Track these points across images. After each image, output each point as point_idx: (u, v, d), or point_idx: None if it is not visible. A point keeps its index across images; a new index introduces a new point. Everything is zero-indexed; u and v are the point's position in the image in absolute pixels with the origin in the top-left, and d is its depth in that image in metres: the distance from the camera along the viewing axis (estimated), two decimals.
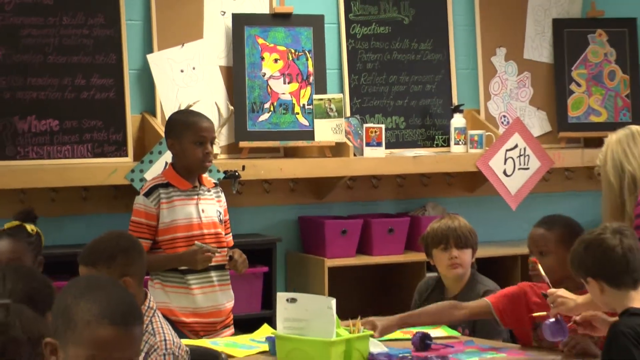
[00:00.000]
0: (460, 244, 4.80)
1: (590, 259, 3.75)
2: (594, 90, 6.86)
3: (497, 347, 4.49)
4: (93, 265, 3.94)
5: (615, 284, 3.74)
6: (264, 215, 6.16)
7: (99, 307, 2.36)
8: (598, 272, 3.74)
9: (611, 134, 4.36)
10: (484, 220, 6.23)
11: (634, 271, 3.73)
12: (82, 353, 2.34)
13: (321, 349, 4.05)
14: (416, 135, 6.49)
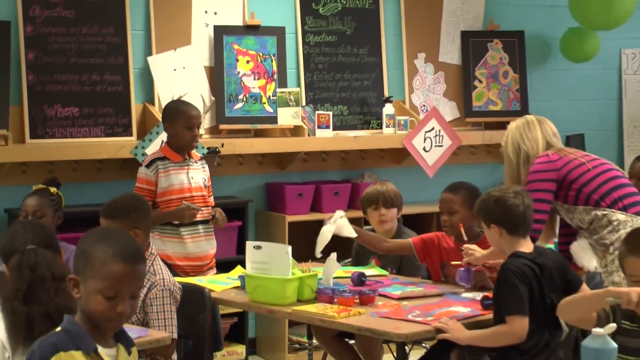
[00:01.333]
0: (387, 205, 4.82)
1: (497, 211, 3.78)
2: (492, 86, 6.90)
3: (416, 282, 4.53)
4: (112, 218, 3.96)
5: (511, 232, 3.77)
6: (239, 182, 6.16)
7: (113, 249, 2.40)
8: (501, 222, 3.78)
9: (512, 121, 4.37)
10: (409, 186, 6.26)
11: (527, 225, 3.78)
12: (99, 285, 2.37)
13: (279, 284, 4.07)
14: (356, 120, 6.50)
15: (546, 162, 4.09)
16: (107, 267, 2.37)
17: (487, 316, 3.88)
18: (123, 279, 2.38)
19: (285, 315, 4.18)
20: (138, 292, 2.45)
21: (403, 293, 4.25)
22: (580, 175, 4.05)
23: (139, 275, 2.43)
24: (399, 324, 3.77)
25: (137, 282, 2.43)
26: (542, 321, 3.71)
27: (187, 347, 4.14)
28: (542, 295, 3.70)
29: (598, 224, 4.01)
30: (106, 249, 2.39)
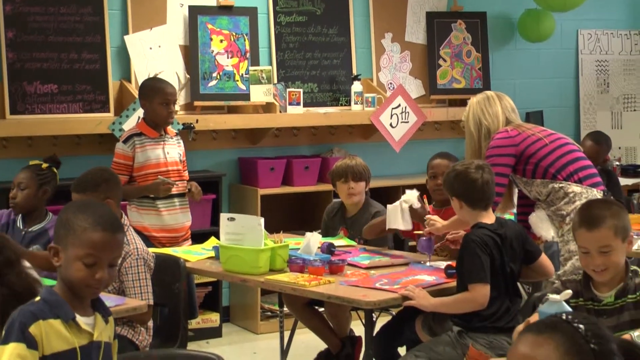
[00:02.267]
0: (356, 178, 4.81)
1: (457, 185, 3.79)
2: (456, 65, 6.90)
3: (383, 252, 4.55)
4: (83, 192, 3.92)
5: (471, 205, 3.79)
6: (213, 156, 6.14)
7: (93, 218, 2.39)
8: (461, 195, 3.79)
9: (473, 97, 4.36)
10: (376, 160, 6.26)
11: (487, 199, 3.79)
12: (79, 253, 2.36)
13: (252, 255, 4.07)
14: (326, 97, 6.48)
15: (505, 137, 4.09)
16: (88, 234, 2.36)
17: (451, 284, 3.90)
18: (103, 247, 2.37)
19: (258, 284, 4.17)
20: (116, 261, 2.44)
21: (371, 262, 4.26)
22: (538, 150, 4.07)
23: (118, 244, 2.42)
24: (367, 292, 3.78)
25: (116, 250, 2.42)
26: (502, 289, 3.73)
27: (163, 314, 4.13)
28: (503, 264, 3.72)
29: (555, 196, 4.03)
30: (87, 218, 2.38)
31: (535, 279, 3.96)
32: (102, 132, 5.45)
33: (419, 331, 4.06)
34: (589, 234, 3.00)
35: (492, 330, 3.67)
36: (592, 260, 2.99)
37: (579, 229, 3.03)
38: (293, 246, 4.38)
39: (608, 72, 7.69)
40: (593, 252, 2.99)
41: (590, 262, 3.00)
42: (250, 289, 5.87)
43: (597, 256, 2.99)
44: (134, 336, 3.89)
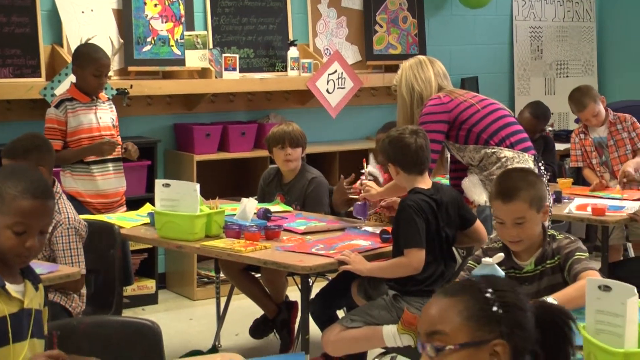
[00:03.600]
0: (293, 144, 4.80)
1: (392, 150, 3.80)
2: (392, 31, 6.91)
3: (319, 217, 4.55)
4: (14, 158, 3.85)
5: (406, 170, 3.80)
6: (148, 122, 6.07)
7: (23, 185, 2.34)
8: (396, 160, 3.80)
9: (405, 61, 4.35)
10: (313, 126, 6.25)
11: (422, 163, 3.80)
12: (8, 221, 2.32)
13: (188, 221, 4.05)
14: (262, 63, 6.44)
15: (438, 104, 4.10)
16: (18, 202, 2.31)
17: (387, 249, 3.92)
18: (33, 214, 2.33)
19: (194, 251, 4.16)
20: (47, 228, 2.40)
21: (307, 228, 4.27)
22: (470, 116, 4.09)
23: (49, 211, 2.38)
24: (303, 257, 3.79)
25: (46, 217, 2.38)
26: (437, 253, 3.77)
27: (98, 281, 4.09)
28: (438, 229, 3.76)
29: (487, 161, 4.07)
30: (16, 185, 2.33)
31: (469, 244, 4.01)
32: (34, 98, 5.34)
33: (355, 295, 4.09)
34: (504, 206, 3.04)
35: (427, 294, 3.69)
36: (507, 231, 3.05)
37: (495, 200, 3.08)
38: (229, 212, 4.37)
39: (542, 38, 7.77)
40: (508, 223, 3.04)
41: (505, 233, 3.06)
42: (186, 256, 5.84)
43: (511, 227, 3.04)
44: (67, 303, 3.86)
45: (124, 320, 2.99)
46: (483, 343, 1.72)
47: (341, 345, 3.84)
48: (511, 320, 1.74)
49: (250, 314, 4.89)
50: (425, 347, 1.75)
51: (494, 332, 1.73)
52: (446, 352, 1.72)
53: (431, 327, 1.75)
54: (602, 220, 4.69)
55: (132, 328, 2.85)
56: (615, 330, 2.32)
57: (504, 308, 1.74)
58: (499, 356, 1.72)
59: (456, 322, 1.73)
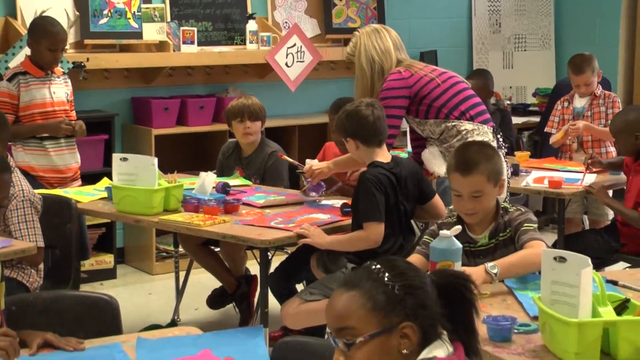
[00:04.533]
0: (252, 118, 4.78)
1: (349, 124, 3.80)
2: (351, 4, 6.88)
3: (279, 191, 4.55)
4: None
5: (365, 143, 3.81)
6: (105, 96, 6.00)
7: None
8: (354, 134, 3.80)
9: (360, 29, 4.27)
10: (272, 100, 6.22)
11: (381, 134, 3.81)
12: None
13: (146, 195, 4.03)
14: (220, 36, 6.39)
15: (399, 79, 4.09)
16: None
17: (346, 222, 3.93)
18: None
19: (152, 225, 4.14)
20: (4, 202, 2.38)
21: (266, 201, 4.26)
22: (431, 90, 4.09)
23: (5, 184, 2.36)
24: (262, 231, 3.79)
25: (3, 190, 2.36)
26: (396, 226, 3.79)
27: (54, 256, 4.06)
28: (397, 203, 3.78)
29: (448, 134, 4.08)
30: None
31: (426, 219, 4.03)
32: None
33: (314, 269, 4.10)
34: (462, 179, 3.06)
35: None
36: (464, 203, 3.07)
37: (454, 172, 3.09)
38: (188, 186, 4.36)
39: (500, 12, 7.80)
40: (465, 196, 3.06)
41: (462, 205, 3.09)
42: (144, 230, 5.81)
43: (468, 200, 3.07)
44: (24, 278, 3.83)
45: (81, 295, 2.98)
46: (391, 329, 1.75)
47: (300, 319, 3.86)
48: (414, 301, 1.76)
49: (209, 287, 4.89)
50: (337, 342, 1.78)
51: (400, 316, 1.75)
52: (357, 345, 1.75)
53: (339, 323, 1.78)
54: (558, 192, 4.74)
55: (90, 302, 2.84)
56: (570, 301, 2.35)
57: (405, 290, 1.76)
58: (409, 338, 1.75)
59: (361, 315, 1.75)
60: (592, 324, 2.30)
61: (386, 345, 1.75)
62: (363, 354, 1.75)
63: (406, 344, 1.75)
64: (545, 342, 2.43)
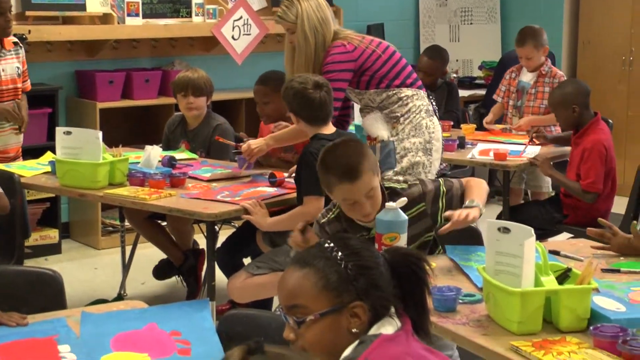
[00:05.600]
0: (195, 92, 4.74)
1: (296, 103, 3.79)
2: None
3: (225, 164, 4.53)
4: None
5: (309, 122, 3.81)
6: (48, 69, 5.91)
7: None
8: (299, 113, 3.80)
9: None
10: (218, 73, 6.18)
11: (326, 115, 3.82)
12: None
13: (90, 169, 3.99)
14: (166, 9, 6.31)
15: (344, 52, 4.08)
16: None
17: (292, 195, 3.94)
18: None
19: (97, 199, 4.11)
20: None
21: (212, 175, 4.25)
22: (374, 62, 4.09)
23: None
24: (208, 204, 3.77)
25: None
26: None
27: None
28: None
29: (388, 101, 4.10)
30: None
31: None
32: None
33: (260, 243, 4.10)
34: (353, 185, 2.89)
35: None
36: (362, 208, 2.92)
37: (340, 184, 2.89)
38: (133, 160, 4.32)
39: None
40: (362, 200, 2.91)
41: (360, 210, 2.93)
42: (90, 204, 5.76)
43: (365, 202, 2.92)
44: None
45: (25, 270, 2.94)
46: (342, 308, 1.76)
47: (247, 292, 3.86)
48: (366, 281, 1.77)
49: (155, 261, 4.86)
50: (288, 319, 1.79)
51: (351, 295, 1.76)
52: (307, 323, 1.76)
53: (290, 301, 1.78)
54: (503, 165, 4.79)
55: (33, 278, 2.81)
56: (514, 271, 2.38)
57: (358, 270, 1.77)
58: (359, 317, 1.77)
59: (313, 293, 1.76)
60: (535, 293, 2.34)
61: (336, 324, 1.76)
62: (313, 332, 1.76)
63: (356, 323, 1.76)
64: (489, 311, 2.46)
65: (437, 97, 5.80)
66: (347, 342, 1.76)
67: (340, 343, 1.76)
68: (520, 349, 2.20)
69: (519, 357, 2.19)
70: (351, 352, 1.74)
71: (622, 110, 7.17)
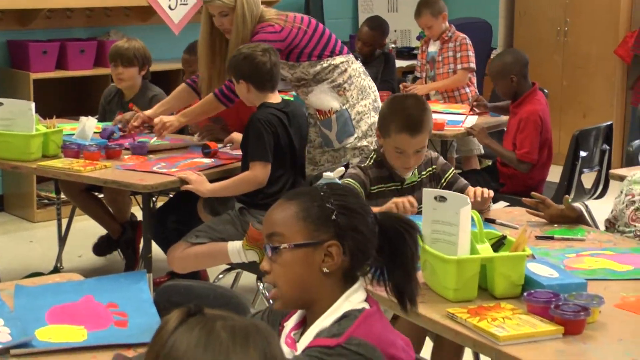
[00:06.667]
0: (124, 63, 4.68)
1: (245, 68, 3.77)
2: None
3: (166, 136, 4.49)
4: None
5: (259, 88, 3.80)
6: None
7: None
8: (249, 78, 3.78)
9: None
10: (155, 43, 6.09)
11: (275, 81, 3.82)
12: None
13: (23, 140, 3.93)
14: None
15: (272, 32, 4.07)
16: None
17: (230, 165, 3.92)
18: None
19: (31, 171, 4.05)
20: None
21: (149, 146, 4.20)
22: (301, 39, 4.11)
23: None
24: (144, 176, 3.74)
25: None
26: (288, 166, 3.81)
27: None
28: (289, 142, 3.79)
29: (325, 72, 4.12)
30: None
31: None
32: None
33: (201, 212, 4.08)
34: (411, 139, 3.08)
35: None
36: (407, 160, 3.11)
37: (399, 133, 3.08)
38: (68, 131, 4.26)
39: None
40: (410, 153, 3.10)
41: (405, 161, 3.12)
42: (24, 177, 5.67)
43: (412, 156, 3.11)
44: None
45: None
46: (317, 244, 1.76)
47: (187, 262, 3.84)
48: (347, 222, 1.78)
49: (92, 234, 4.81)
50: (265, 248, 1.79)
51: (329, 233, 1.77)
52: (281, 251, 1.76)
53: (270, 229, 1.80)
54: (441, 134, 4.83)
55: None
56: (450, 239, 2.40)
57: (340, 210, 1.78)
58: (332, 257, 1.77)
59: (293, 223, 1.77)
60: (470, 260, 2.36)
61: (309, 259, 1.76)
62: (284, 261, 1.76)
63: (329, 263, 1.76)
64: (426, 279, 2.48)
65: (374, 67, 5.82)
66: (317, 280, 1.77)
67: (309, 280, 1.77)
68: (456, 315, 2.23)
69: (455, 323, 2.21)
70: (334, 325, 1.73)
71: (557, 80, 7.27)
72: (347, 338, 1.68)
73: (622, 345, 2.09)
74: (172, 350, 1.18)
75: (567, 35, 7.27)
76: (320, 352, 1.67)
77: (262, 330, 1.21)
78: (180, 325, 1.20)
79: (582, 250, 2.77)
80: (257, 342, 1.19)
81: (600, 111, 7.09)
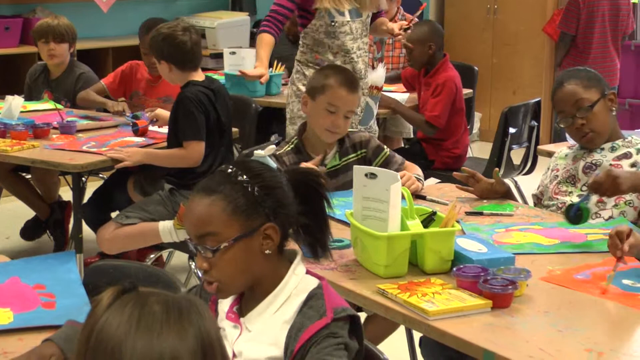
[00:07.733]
0: (57, 39, 4.62)
1: (165, 48, 3.73)
2: None
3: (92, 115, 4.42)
4: None
5: (181, 68, 3.76)
6: None
7: None
8: (170, 58, 3.75)
9: None
10: (83, 21, 6.00)
11: (197, 59, 3.80)
12: None
13: None
14: None
15: None
16: None
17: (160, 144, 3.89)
18: None
19: None
20: None
21: (79, 125, 4.14)
22: None
23: None
24: (73, 155, 3.69)
25: None
26: (217, 144, 3.79)
27: None
28: (217, 119, 3.76)
29: None
30: None
31: None
32: None
33: (131, 192, 4.04)
34: (347, 95, 3.10)
35: None
36: (337, 119, 3.09)
37: (337, 88, 3.09)
38: None
39: None
40: (340, 114, 3.09)
41: (334, 121, 3.10)
42: None
43: (342, 118, 3.10)
44: None
45: None
46: (254, 231, 1.76)
47: (117, 243, 3.79)
48: (273, 201, 1.78)
49: (20, 215, 4.74)
50: (200, 249, 1.77)
51: (261, 217, 1.77)
52: (222, 250, 1.75)
53: (200, 230, 1.76)
54: None
55: None
56: (380, 216, 2.41)
57: (264, 190, 1.78)
58: (271, 238, 1.78)
59: (223, 219, 1.75)
60: (400, 237, 2.37)
61: (250, 247, 1.76)
62: (228, 257, 1.75)
63: (269, 244, 1.78)
64: (357, 256, 2.48)
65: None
66: (260, 263, 1.78)
67: (253, 265, 1.78)
68: (386, 291, 2.24)
69: (385, 299, 2.22)
70: (310, 308, 1.76)
71: (487, 58, 7.34)
72: (332, 310, 1.74)
73: (549, 317, 2.13)
74: (106, 325, 1.18)
75: (497, 13, 7.34)
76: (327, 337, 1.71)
77: (196, 305, 1.22)
78: (114, 302, 1.20)
79: (510, 225, 2.81)
80: (192, 316, 1.19)
81: (529, 88, 7.19)
